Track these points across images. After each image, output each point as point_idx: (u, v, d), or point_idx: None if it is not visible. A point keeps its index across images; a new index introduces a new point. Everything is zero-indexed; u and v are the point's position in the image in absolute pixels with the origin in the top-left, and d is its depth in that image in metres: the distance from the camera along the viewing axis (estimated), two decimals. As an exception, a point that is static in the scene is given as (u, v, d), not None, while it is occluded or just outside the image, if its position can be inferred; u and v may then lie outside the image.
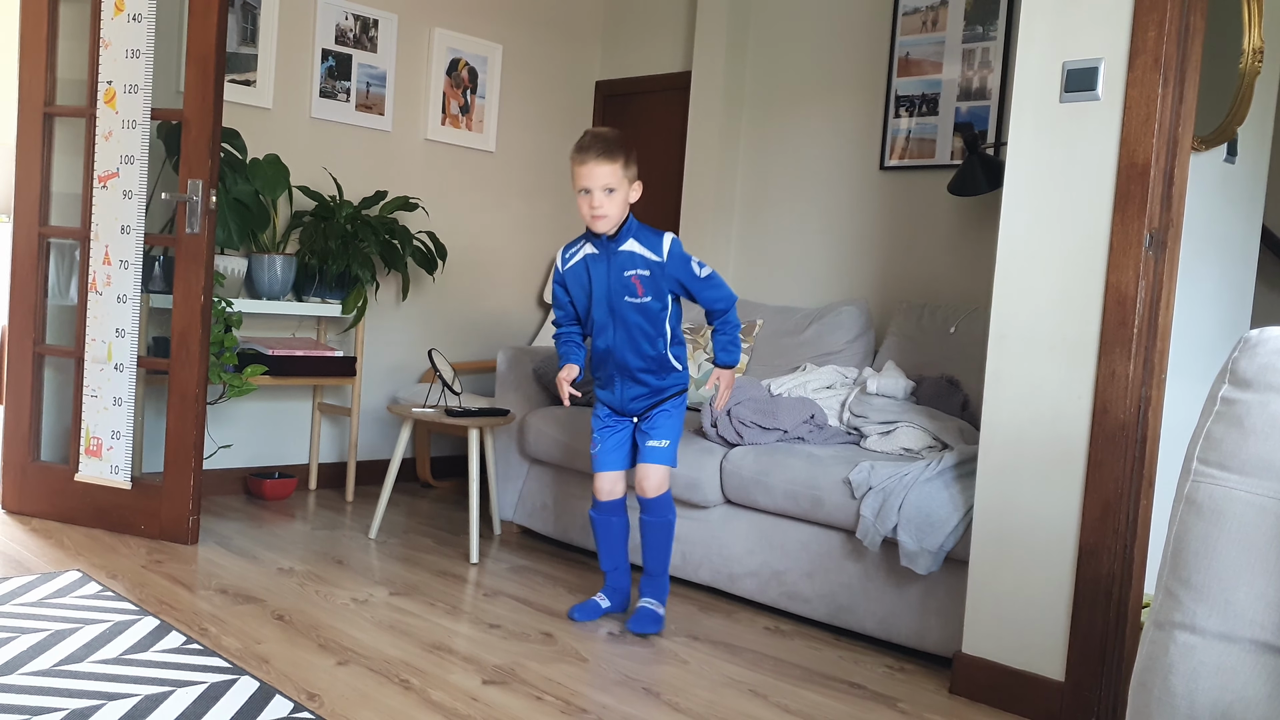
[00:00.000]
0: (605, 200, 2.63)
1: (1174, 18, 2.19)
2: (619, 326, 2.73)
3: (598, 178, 2.62)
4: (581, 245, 2.77)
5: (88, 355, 3.31)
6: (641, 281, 2.69)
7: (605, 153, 2.62)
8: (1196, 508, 1.09)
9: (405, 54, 4.44)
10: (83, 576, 2.87)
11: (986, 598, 2.46)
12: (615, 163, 2.63)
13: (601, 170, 2.61)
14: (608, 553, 2.91)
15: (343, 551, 3.40)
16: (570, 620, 2.85)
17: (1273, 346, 1.08)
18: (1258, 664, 1.02)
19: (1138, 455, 2.24)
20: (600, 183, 2.62)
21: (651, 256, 2.69)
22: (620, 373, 2.77)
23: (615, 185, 2.63)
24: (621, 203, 2.66)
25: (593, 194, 2.63)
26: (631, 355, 2.74)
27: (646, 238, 2.71)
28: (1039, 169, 2.39)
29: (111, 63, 3.24)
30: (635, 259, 2.69)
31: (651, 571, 2.86)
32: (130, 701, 2.07)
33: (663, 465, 2.78)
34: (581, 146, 2.65)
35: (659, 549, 2.84)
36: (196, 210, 3.23)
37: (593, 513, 2.88)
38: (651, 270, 2.69)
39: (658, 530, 2.83)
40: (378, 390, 4.47)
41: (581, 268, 2.75)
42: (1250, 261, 2.91)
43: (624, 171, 2.64)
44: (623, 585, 2.93)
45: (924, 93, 3.89)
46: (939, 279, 3.83)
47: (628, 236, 2.70)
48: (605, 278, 2.71)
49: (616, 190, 2.64)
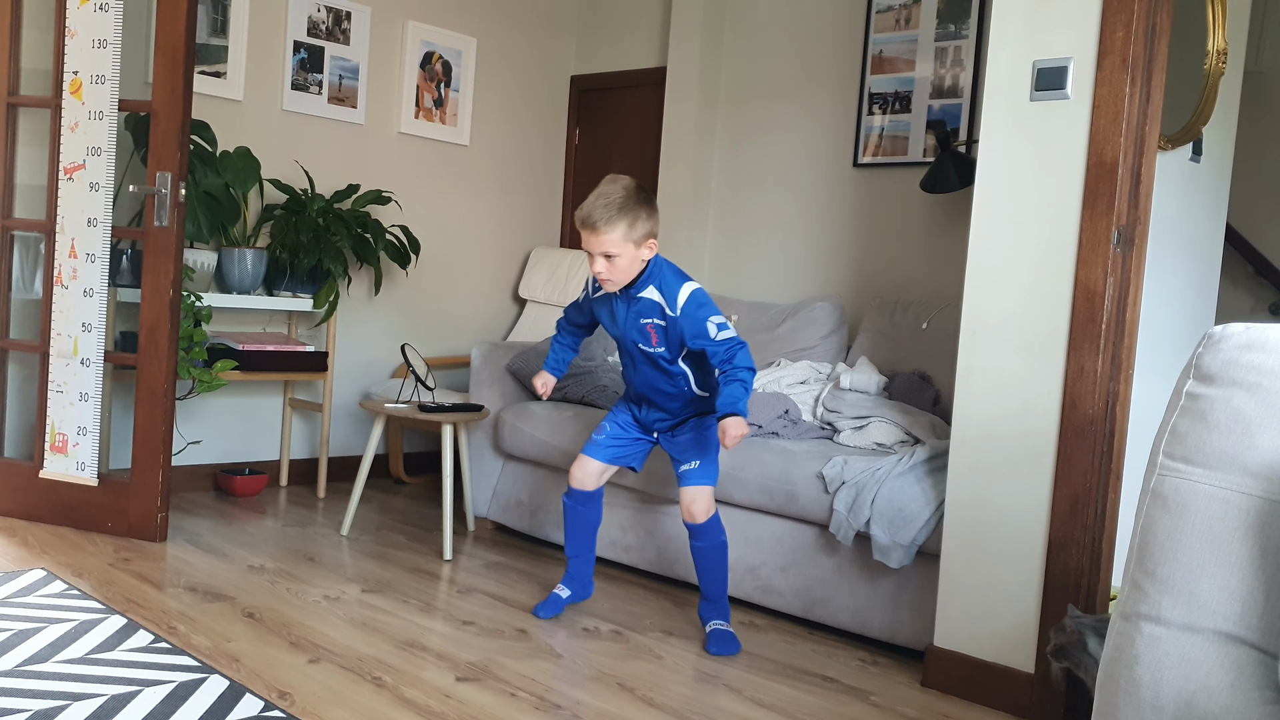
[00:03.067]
0: (608, 266, 2.52)
1: (1141, 18, 2.22)
2: (640, 365, 2.67)
3: (598, 244, 2.50)
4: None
5: (53, 350, 3.27)
6: (656, 331, 2.59)
7: (605, 220, 2.48)
8: (1162, 501, 1.11)
9: (378, 47, 4.40)
10: (47, 575, 2.83)
11: (958, 591, 2.48)
12: (615, 230, 2.48)
13: (601, 238, 2.49)
14: (574, 540, 2.87)
15: (314, 548, 3.38)
16: (537, 619, 2.84)
17: (1236, 342, 1.10)
18: (1220, 654, 1.03)
19: (1106, 450, 2.27)
20: (600, 249, 2.50)
21: (666, 309, 2.57)
22: (646, 400, 2.75)
23: (618, 251, 2.50)
24: (627, 266, 2.53)
25: (594, 258, 2.53)
26: (653, 392, 2.71)
27: (667, 285, 2.57)
28: (1010, 167, 2.41)
29: (78, 53, 3.19)
30: (652, 308, 2.58)
31: (712, 596, 2.75)
32: (96, 701, 2.05)
33: (705, 486, 2.69)
34: (584, 209, 2.51)
35: (717, 573, 2.73)
36: (165, 203, 3.20)
37: (566, 499, 2.84)
38: (668, 323, 2.58)
39: (713, 554, 2.72)
40: (350, 386, 4.44)
41: (605, 302, 2.68)
42: (1214, 259, 2.95)
43: (627, 235, 2.49)
44: (584, 573, 2.91)
45: (897, 90, 3.91)
46: (911, 275, 3.85)
47: (647, 284, 2.58)
48: (625, 320, 2.63)
49: (619, 256, 2.51)
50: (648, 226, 2.54)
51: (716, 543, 2.72)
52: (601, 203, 2.50)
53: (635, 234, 2.51)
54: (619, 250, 2.50)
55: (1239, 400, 1.07)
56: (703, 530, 2.70)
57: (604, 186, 2.55)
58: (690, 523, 2.70)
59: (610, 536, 3.39)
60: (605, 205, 2.49)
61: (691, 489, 2.70)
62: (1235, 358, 1.09)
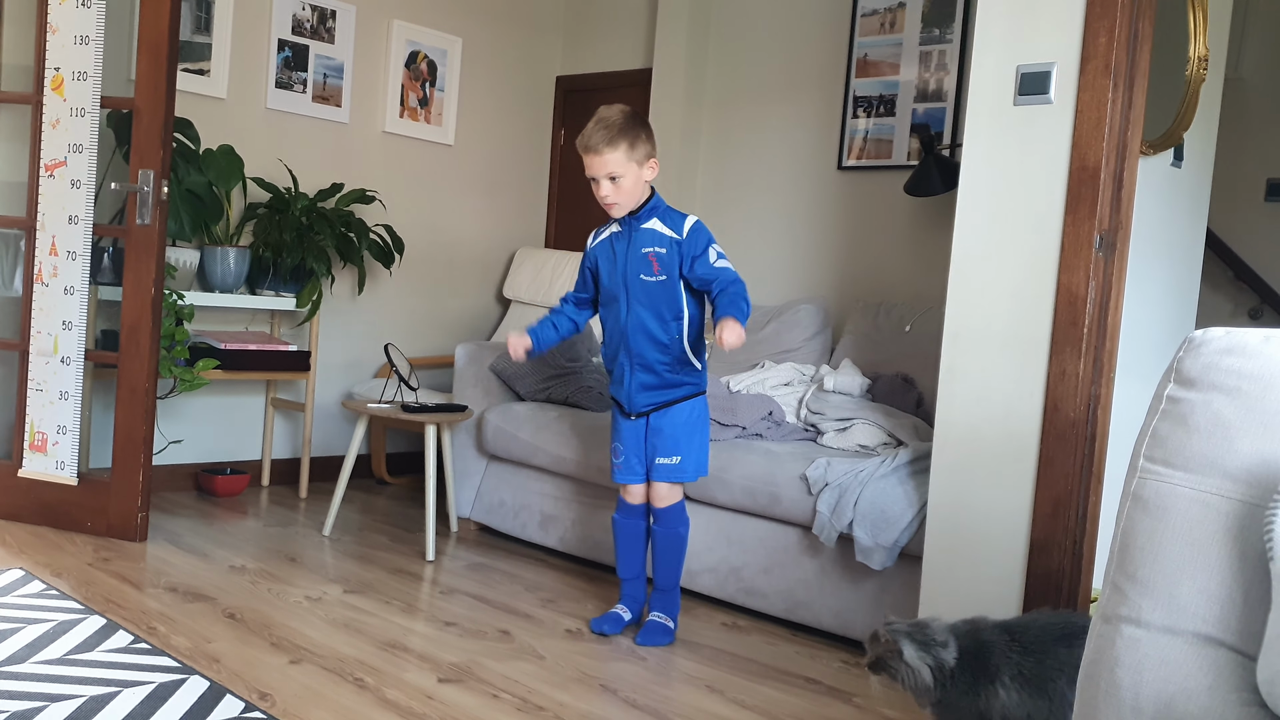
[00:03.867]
0: (613, 189, 2.56)
1: (1124, 24, 2.23)
2: (633, 304, 2.62)
3: (601, 166, 2.55)
4: (610, 225, 2.71)
5: (33, 348, 3.24)
6: (658, 259, 2.60)
7: (607, 140, 2.53)
8: (1143, 504, 1.11)
9: (363, 45, 4.39)
10: (26, 575, 2.80)
11: (940, 593, 2.49)
12: (617, 150, 2.54)
13: (604, 159, 2.54)
14: (628, 560, 2.79)
15: (296, 549, 3.36)
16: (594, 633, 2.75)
17: (1216, 347, 1.11)
18: (1200, 656, 1.04)
19: (1087, 452, 2.28)
20: (605, 171, 2.55)
21: (671, 233, 2.61)
22: (631, 359, 2.65)
23: (621, 172, 2.55)
24: (632, 187, 2.57)
25: (599, 183, 2.57)
26: (644, 338, 2.63)
27: (670, 218, 2.64)
28: (993, 171, 2.42)
29: (60, 49, 3.17)
30: (655, 236, 2.62)
31: (662, 586, 2.76)
32: (75, 703, 2.03)
33: (678, 484, 2.71)
34: (584, 134, 2.56)
35: (668, 562, 2.74)
36: (148, 201, 3.17)
37: (616, 515, 2.78)
38: (668, 248, 2.60)
39: (670, 542, 2.74)
40: (332, 385, 4.42)
41: (607, 245, 2.69)
42: (1195, 263, 2.97)
43: (629, 155, 2.55)
44: (640, 595, 2.83)
45: (881, 94, 3.92)
46: (895, 278, 3.87)
47: (650, 216, 2.63)
48: (625, 254, 2.64)
49: (624, 176, 2.55)
50: (648, 148, 2.60)
51: (674, 532, 2.74)
52: (601, 126, 2.55)
53: (637, 154, 2.57)
54: (622, 170, 2.55)
55: (1219, 404, 1.08)
56: (663, 515, 2.72)
57: (601, 112, 2.59)
58: (655, 505, 2.73)
59: (595, 538, 3.39)
60: (605, 128, 2.55)
61: (664, 485, 2.70)
62: (1215, 362, 1.10)
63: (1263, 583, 1.02)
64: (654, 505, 2.73)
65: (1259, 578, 1.02)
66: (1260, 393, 1.06)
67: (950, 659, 1.79)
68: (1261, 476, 1.04)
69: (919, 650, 1.79)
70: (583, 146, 2.57)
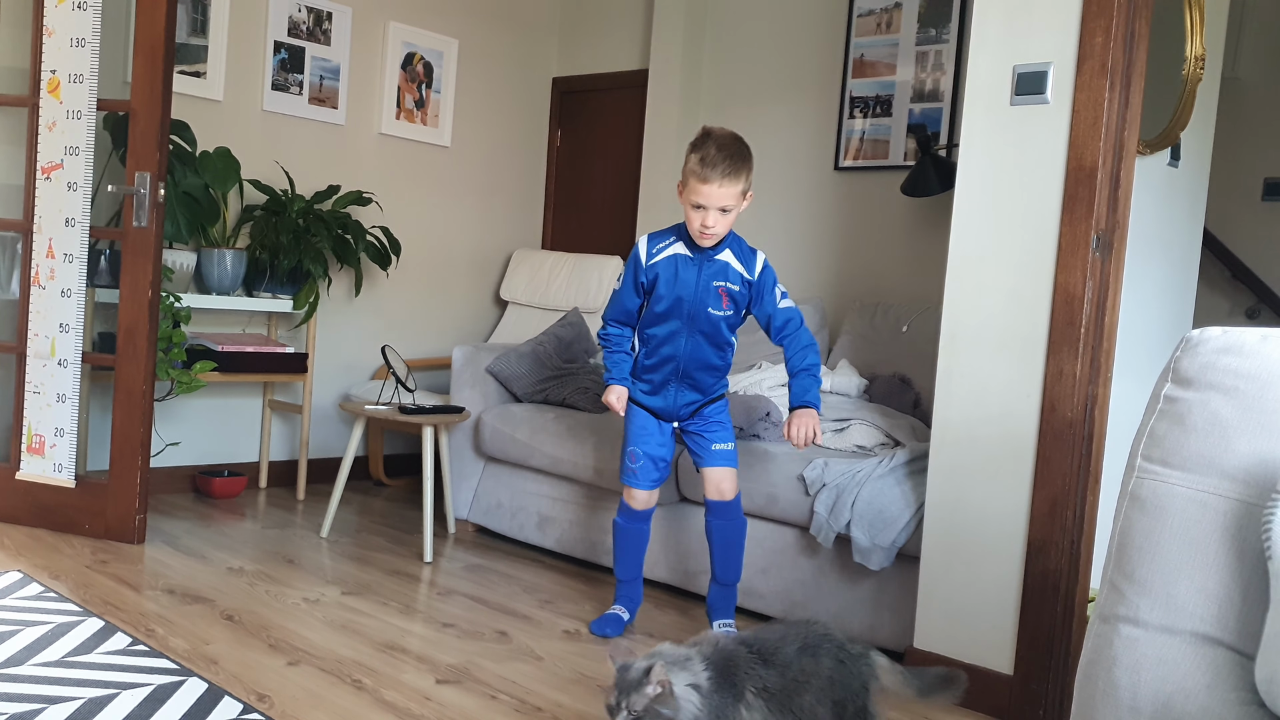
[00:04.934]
0: (720, 220, 2.44)
1: (1120, 24, 2.24)
2: (693, 335, 2.57)
3: (718, 198, 2.41)
4: (673, 241, 2.57)
5: (30, 350, 3.23)
6: (729, 294, 2.54)
7: (731, 172, 2.39)
8: (1140, 503, 1.11)
9: (359, 47, 4.39)
10: (24, 577, 2.80)
11: (938, 593, 2.49)
12: (738, 183, 2.41)
13: (724, 191, 2.40)
14: (630, 561, 2.77)
15: (294, 551, 3.35)
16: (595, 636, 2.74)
17: (1213, 346, 1.11)
18: (1197, 655, 1.04)
19: (1085, 452, 2.28)
20: (719, 203, 2.42)
21: (744, 273, 2.55)
22: (679, 380, 2.63)
23: (734, 205, 2.44)
24: (732, 220, 2.48)
25: (707, 212, 2.42)
26: (697, 365, 2.62)
27: (742, 252, 2.56)
28: (990, 171, 2.43)
29: (55, 51, 3.16)
30: (728, 271, 2.53)
31: (727, 581, 2.72)
32: (73, 705, 2.03)
33: (734, 468, 2.68)
34: (708, 161, 2.39)
35: (735, 554, 2.69)
36: (144, 203, 3.17)
37: (621, 520, 2.74)
38: (740, 285, 2.55)
39: (735, 533, 2.69)
40: (330, 387, 4.42)
41: (670, 265, 2.55)
42: (1192, 263, 2.98)
43: (744, 186, 2.45)
44: (637, 596, 2.83)
45: (878, 94, 3.93)
46: (892, 279, 3.87)
47: (724, 246, 2.54)
48: (694, 284, 2.54)
49: (733, 210, 2.45)
50: (751, 179, 2.50)
51: (740, 521, 2.70)
52: (725, 156, 2.39)
53: (748, 185, 2.48)
54: (735, 204, 2.45)
55: (1216, 403, 1.08)
56: (730, 507, 2.68)
57: (719, 137, 2.44)
58: (718, 500, 2.67)
59: (592, 539, 3.39)
60: (729, 158, 2.39)
61: (723, 469, 2.67)
62: (1212, 361, 1.10)
63: (1260, 582, 1.02)
64: (717, 498, 2.66)
65: (1256, 577, 1.02)
66: (1257, 392, 1.06)
67: (704, 681, 1.65)
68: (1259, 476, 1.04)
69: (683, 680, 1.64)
70: (702, 174, 2.39)
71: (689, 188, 2.45)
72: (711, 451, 2.67)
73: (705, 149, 2.42)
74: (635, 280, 2.62)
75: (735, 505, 2.69)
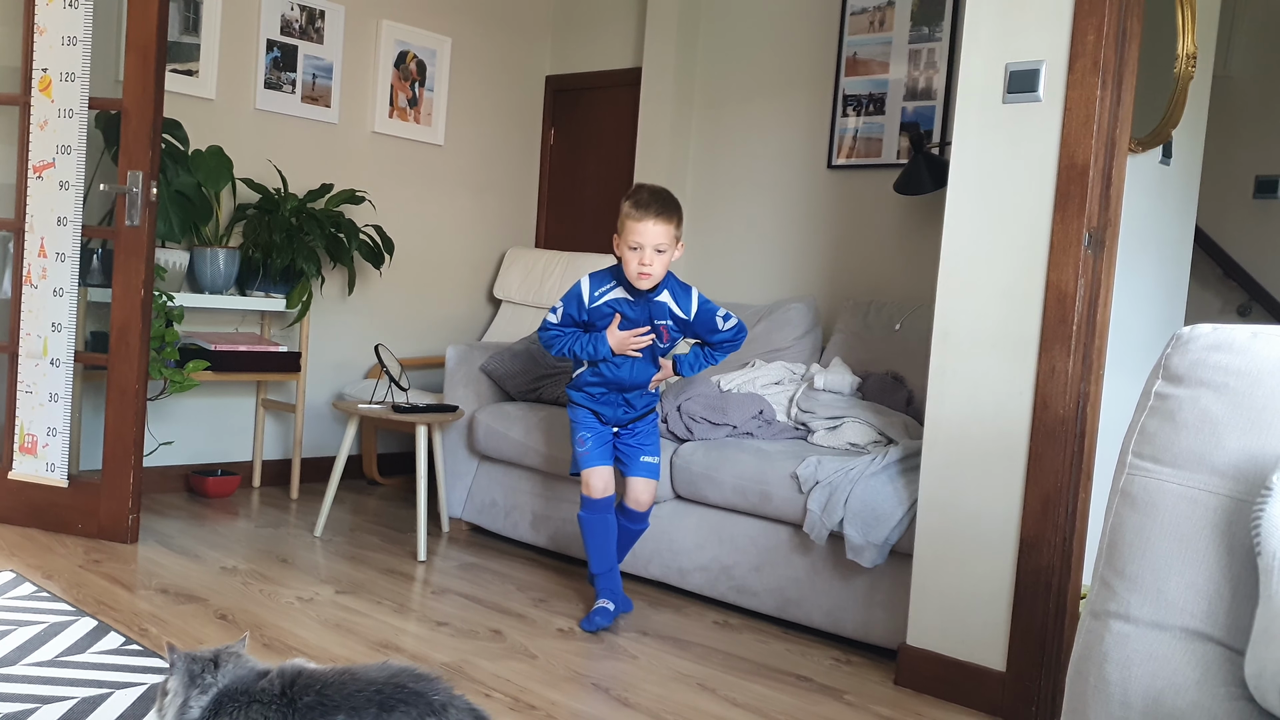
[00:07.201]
0: (655, 259, 2.65)
1: (1112, 22, 2.24)
2: (638, 363, 2.81)
3: (653, 236, 2.63)
4: (613, 286, 2.77)
5: (22, 350, 3.22)
6: (669, 330, 2.79)
7: (663, 213, 2.64)
8: (1131, 500, 1.12)
9: (352, 46, 4.38)
10: (16, 577, 2.79)
11: (930, 590, 2.50)
12: (671, 224, 2.65)
13: (658, 230, 2.63)
14: (601, 554, 2.85)
15: (287, 550, 3.35)
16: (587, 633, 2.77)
17: (1204, 343, 1.12)
18: (1188, 651, 1.05)
19: (1077, 449, 2.29)
20: (654, 242, 2.63)
21: (680, 313, 2.77)
22: (623, 397, 2.85)
23: (667, 246, 2.66)
24: (667, 262, 2.69)
25: (643, 251, 2.64)
26: (639, 386, 2.85)
27: (677, 292, 2.78)
28: (982, 169, 2.43)
29: (47, 50, 3.15)
30: (667, 311, 2.77)
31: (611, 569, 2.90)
32: (66, 704, 2.03)
33: (655, 480, 2.90)
34: (640, 203, 2.65)
35: (625, 549, 2.98)
36: (137, 202, 3.16)
37: (584, 514, 2.84)
38: (678, 324, 2.79)
39: (635, 535, 2.96)
40: (323, 386, 4.41)
41: (612, 309, 2.77)
42: (1184, 260, 2.99)
43: (676, 232, 2.68)
44: (618, 585, 2.90)
45: (871, 92, 3.93)
46: (884, 277, 3.88)
47: (662, 289, 2.76)
48: (639, 323, 2.76)
49: (666, 251, 2.66)
50: (682, 230, 2.76)
51: (644, 526, 2.96)
52: (657, 198, 2.66)
53: (680, 232, 2.72)
54: (668, 244, 2.66)
55: (1207, 400, 1.09)
56: (643, 515, 2.91)
57: (650, 187, 2.72)
58: (634, 509, 2.88)
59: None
60: (664, 199, 2.67)
61: (646, 480, 2.87)
62: (1203, 358, 1.11)
63: (1250, 577, 1.02)
64: (634, 506, 2.88)
65: (1246, 573, 1.03)
66: (1248, 389, 1.07)
67: (197, 706, 1.48)
68: (1249, 472, 1.04)
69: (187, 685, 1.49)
70: (638, 214, 2.63)
71: (625, 230, 2.66)
72: (640, 463, 2.88)
73: (639, 195, 2.69)
74: (576, 319, 2.81)
75: (646, 514, 2.92)
